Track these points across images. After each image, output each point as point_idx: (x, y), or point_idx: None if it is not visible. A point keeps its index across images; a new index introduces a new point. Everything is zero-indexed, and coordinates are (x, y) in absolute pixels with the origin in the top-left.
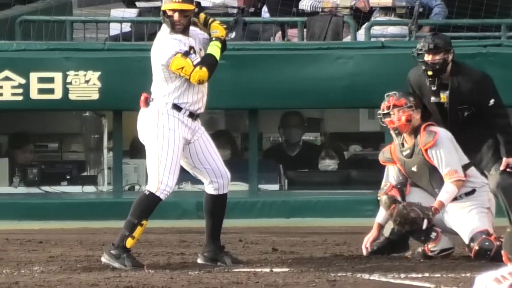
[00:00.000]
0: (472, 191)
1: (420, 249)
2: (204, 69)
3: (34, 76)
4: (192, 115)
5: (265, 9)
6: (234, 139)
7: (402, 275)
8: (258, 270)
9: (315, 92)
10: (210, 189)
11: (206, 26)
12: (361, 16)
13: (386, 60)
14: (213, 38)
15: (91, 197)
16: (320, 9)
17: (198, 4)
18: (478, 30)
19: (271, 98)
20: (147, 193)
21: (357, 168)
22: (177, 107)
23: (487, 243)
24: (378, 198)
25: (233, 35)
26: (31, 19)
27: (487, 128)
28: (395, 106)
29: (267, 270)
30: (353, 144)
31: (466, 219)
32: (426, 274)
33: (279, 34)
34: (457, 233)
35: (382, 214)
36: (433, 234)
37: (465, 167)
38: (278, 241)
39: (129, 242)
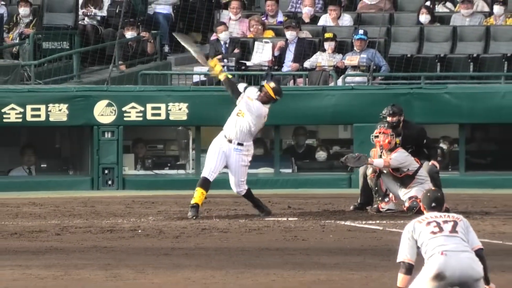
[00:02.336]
0: (419, 183)
1: (375, 206)
2: None
3: (149, 106)
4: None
5: (287, 63)
6: (265, 143)
7: (363, 222)
8: (279, 219)
9: (313, 115)
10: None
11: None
12: (339, 71)
13: (354, 97)
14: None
15: (182, 176)
16: (315, 67)
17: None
18: (408, 78)
19: (288, 119)
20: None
21: (337, 159)
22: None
23: (414, 203)
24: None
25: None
26: (147, 73)
27: (420, 153)
28: (383, 133)
29: (285, 219)
30: (335, 145)
31: (409, 193)
32: (377, 221)
33: (291, 81)
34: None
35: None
36: (387, 199)
37: (416, 171)
38: (291, 202)
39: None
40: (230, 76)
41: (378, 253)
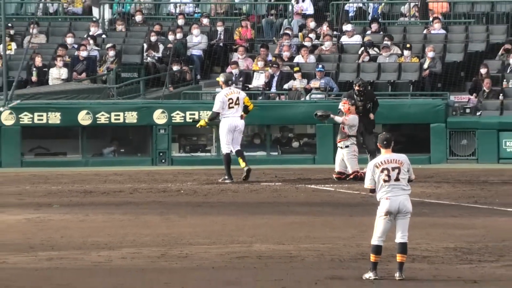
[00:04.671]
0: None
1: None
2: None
3: (188, 112)
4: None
5: (273, 86)
6: (261, 136)
7: (322, 185)
8: (270, 184)
9: (291, 118)
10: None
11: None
12: (307, 90)
13: (316, 107)
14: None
15: (208, 157)
16: (292, 88)
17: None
18: None
19: (275, 121)
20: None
21: (308, 146)
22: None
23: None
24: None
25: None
26: (187, 92)
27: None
28: (344, 103)
29: (273, 184)
30: (304, 138)
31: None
32: (332, 185)
33: (277, 97)
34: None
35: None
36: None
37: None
38: (277, 173)
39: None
40: (206, 121)
41: (332, 205)
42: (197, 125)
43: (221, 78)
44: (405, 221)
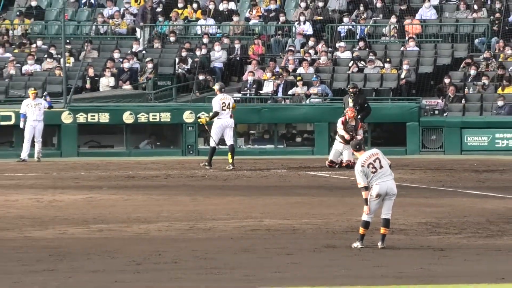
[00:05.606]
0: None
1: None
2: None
3: (211, 113)
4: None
5: (280, 92)
6: (270, 132)
7: (320, 172)
8: (277, 171)
9: (294, 118)
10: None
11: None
12: (307, 96)
13: (315, 109)
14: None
15: (227, 149)
16: (295, 94)
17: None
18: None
19: (282, 120)
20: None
21: (308, 140)
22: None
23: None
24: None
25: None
26: (210, 96)
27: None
28: (349, 110)
29: (279, 171)
30: (305, 134)
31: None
32: (327, 172)
33: (283, 101)
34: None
35: (332, 154)
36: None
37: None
38: (283, 162)
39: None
40: (207, 120)
41: (327, 188)
42: (200, 122)
43: (216, 87)
44: (391, 202)
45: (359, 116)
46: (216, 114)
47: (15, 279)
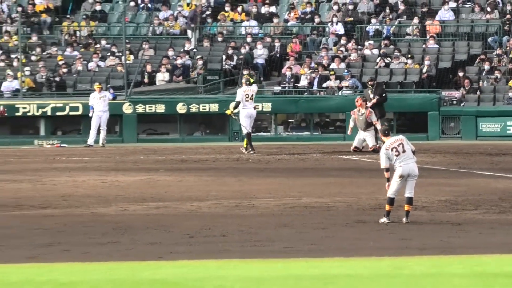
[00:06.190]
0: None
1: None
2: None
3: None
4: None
5: (315, 85)
6: (306, 120)
7: (350, 156)
8: (313, 155)
9: (328, 108)
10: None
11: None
12: (340, 88)
13: (346, 100)
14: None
15: (267, 136)
16: (329, 86)
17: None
18: None
19: (317, 109)
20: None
21: (340, 128)
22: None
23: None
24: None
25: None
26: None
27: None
28: (358, 100)
29: (315, 155)
30: (338, 122)
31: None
32: (357, 156)
33: (318, 93)
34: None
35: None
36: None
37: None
38: (318, 147)
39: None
40: (231, 110)
41: (357, 170)
42: (226, 113)
43: (243, 80)
44: (413, 182)
45: (374, 99)
46: (238, 103)
47: (84, 250)
